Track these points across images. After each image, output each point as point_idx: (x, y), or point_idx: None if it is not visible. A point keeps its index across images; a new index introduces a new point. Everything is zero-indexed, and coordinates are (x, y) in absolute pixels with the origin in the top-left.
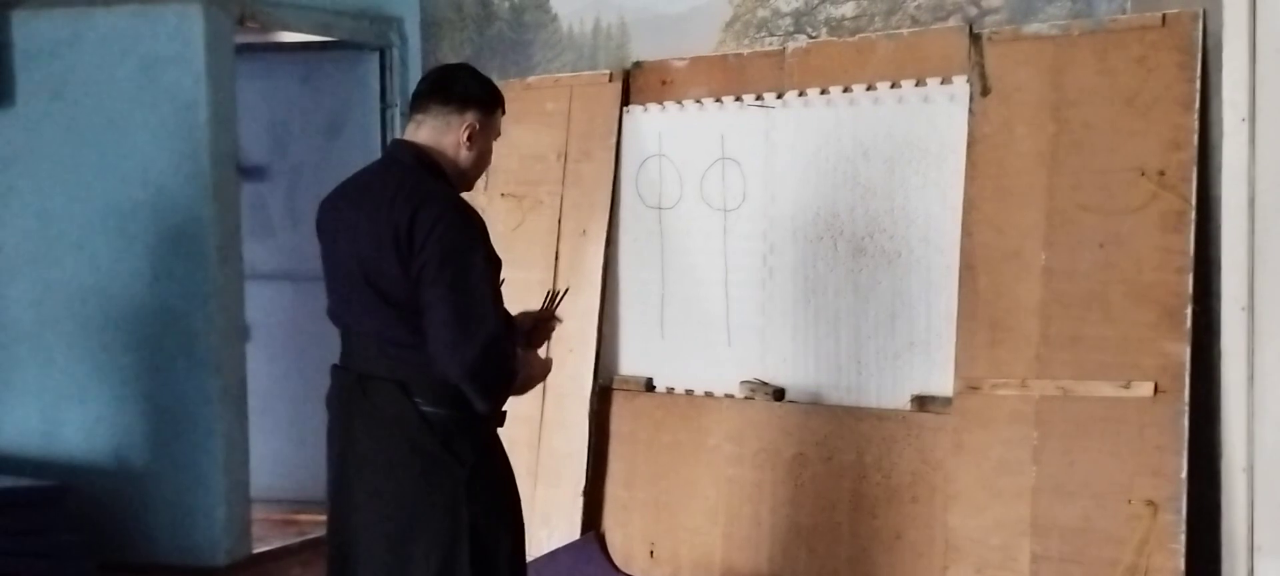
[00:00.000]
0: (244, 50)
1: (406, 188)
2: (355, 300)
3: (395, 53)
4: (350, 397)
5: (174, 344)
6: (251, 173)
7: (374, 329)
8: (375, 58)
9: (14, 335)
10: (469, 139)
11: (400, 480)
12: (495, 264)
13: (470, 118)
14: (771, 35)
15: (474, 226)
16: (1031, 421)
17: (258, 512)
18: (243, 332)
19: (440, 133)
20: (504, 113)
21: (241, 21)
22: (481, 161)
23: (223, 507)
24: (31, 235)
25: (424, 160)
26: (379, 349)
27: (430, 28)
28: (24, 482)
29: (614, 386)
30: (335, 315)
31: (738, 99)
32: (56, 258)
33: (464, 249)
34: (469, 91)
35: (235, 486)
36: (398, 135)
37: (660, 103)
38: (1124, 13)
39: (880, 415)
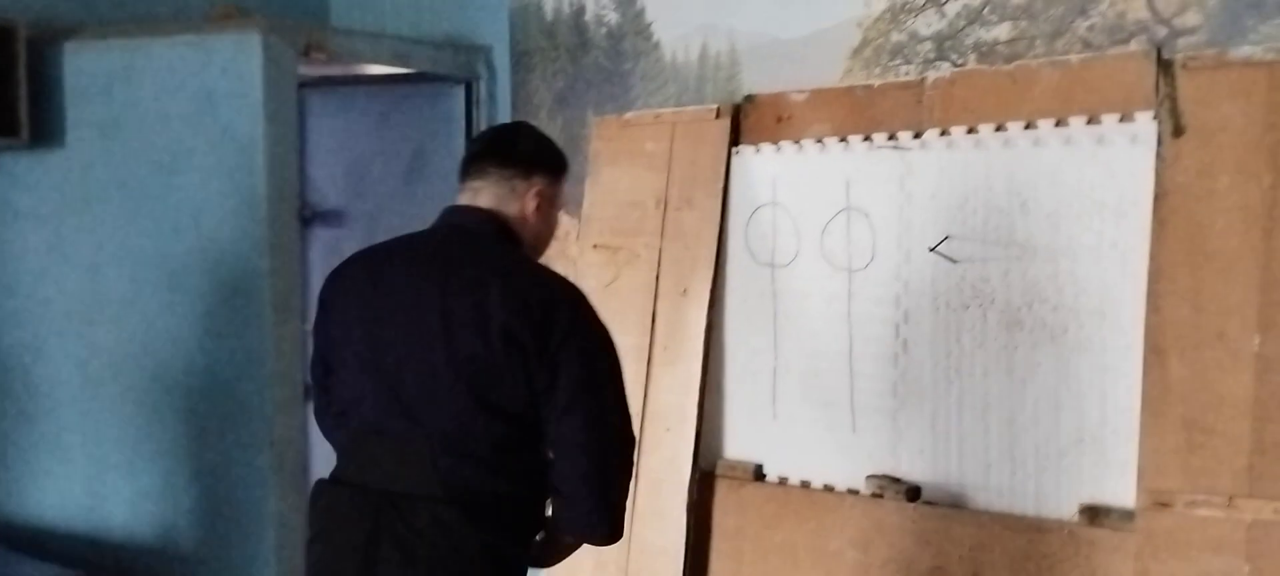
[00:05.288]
0: (317, 85)
1: (509, 268)
2: (416, 396)
3: (482, 85)
4: (376, 524)
5: (224, 411)
6: (325, 217)
7: (445, 432)
8: (460, 91)
9: (60, 399)
10: (537, 208)
11: None
12: None
13: (537, 183)
14: (908, 63)
15: (609, 338)
16: (1241, 552)
17: None
18: (302, 396)
19: (503, 200)
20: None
21: (307, 52)
22: (549, 234)
23: None
24: (79, 290)
25: (506, 232)
26: (431, 459)
27: (520, 58)
28: (52, 572)
29: (717, 473)
30: (354, 412)
31: (867, 139)
32: (105, 314)
33: (607, 373)
34: (535, 153)
35: (289, 572)
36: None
37: (775, 143)
38: None
39: (1040, 526)
